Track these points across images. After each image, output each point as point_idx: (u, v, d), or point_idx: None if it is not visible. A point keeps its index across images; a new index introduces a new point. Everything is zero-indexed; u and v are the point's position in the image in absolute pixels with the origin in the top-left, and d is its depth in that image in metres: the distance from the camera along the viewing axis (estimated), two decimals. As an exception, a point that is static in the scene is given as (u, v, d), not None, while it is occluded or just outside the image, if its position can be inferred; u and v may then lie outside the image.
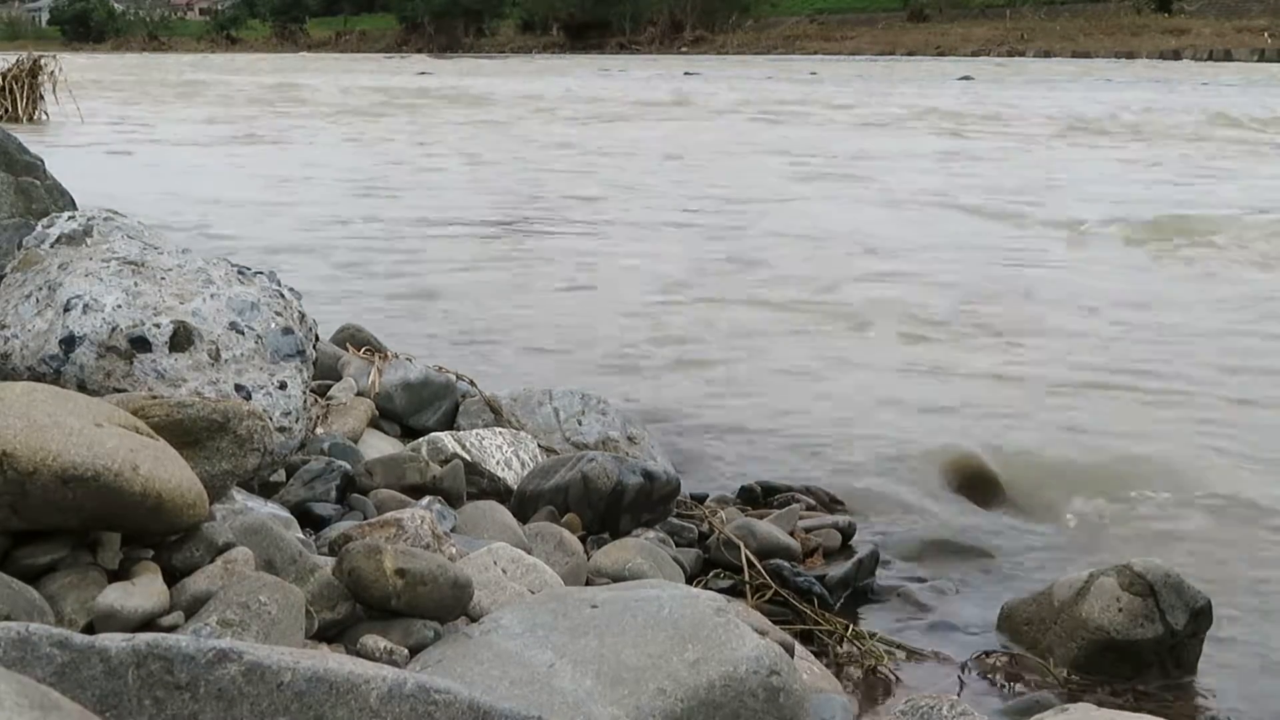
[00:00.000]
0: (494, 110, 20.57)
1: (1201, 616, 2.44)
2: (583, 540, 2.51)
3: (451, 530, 2.30)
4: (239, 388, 2.40)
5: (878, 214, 8.85)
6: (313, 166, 11.56)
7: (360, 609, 1.73)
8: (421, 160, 12.53)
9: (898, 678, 2.37)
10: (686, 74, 35.44)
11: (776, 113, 19.83)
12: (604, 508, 2.65)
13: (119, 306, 2.39)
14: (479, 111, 20.28)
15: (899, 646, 2.49)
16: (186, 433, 1.95)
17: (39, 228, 2.72)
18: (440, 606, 1.72)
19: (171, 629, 1.57)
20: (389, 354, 3.43)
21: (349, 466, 2.50)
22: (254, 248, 6.69)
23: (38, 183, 3.42)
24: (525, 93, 25.95)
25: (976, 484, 3.52)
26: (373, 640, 1.66)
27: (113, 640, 1.28)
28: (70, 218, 2.72)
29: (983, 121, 17.96)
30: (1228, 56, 44.23)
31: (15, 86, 16.16)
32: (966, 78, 32.22)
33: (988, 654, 2.48)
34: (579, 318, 5.53)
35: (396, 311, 5.55)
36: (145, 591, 1.61)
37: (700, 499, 3.12)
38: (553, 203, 9.39)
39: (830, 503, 3.28)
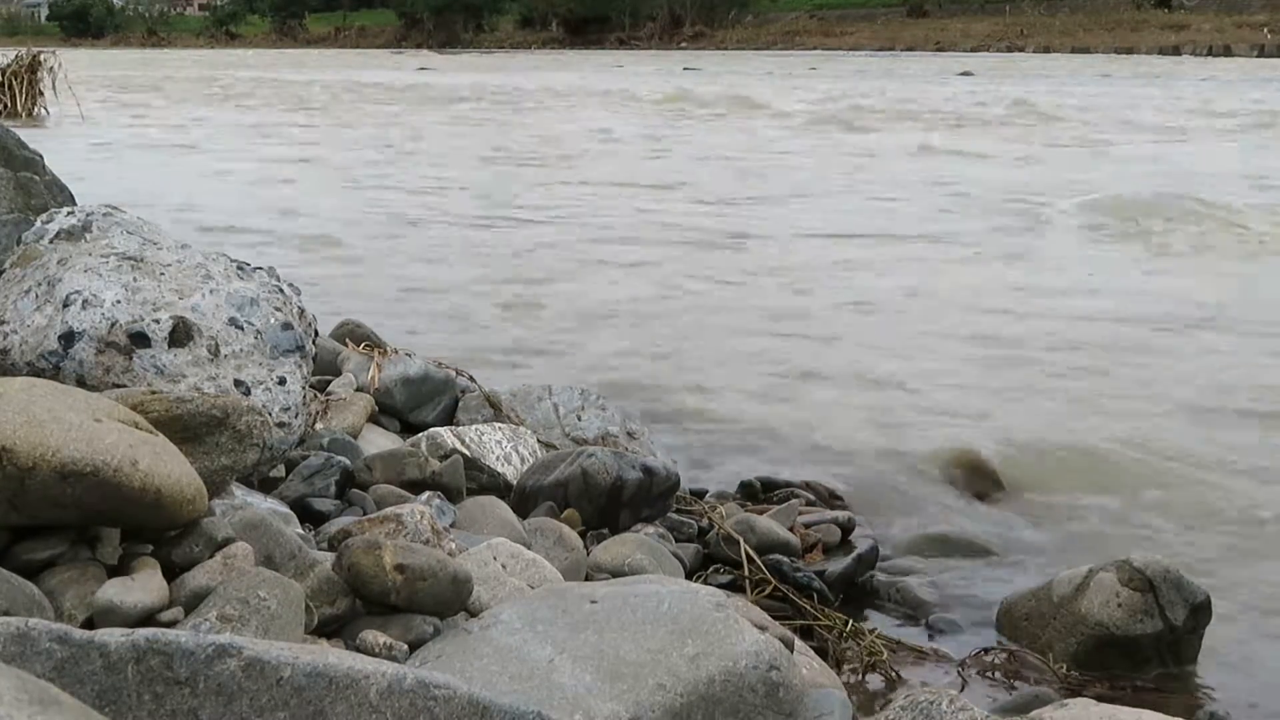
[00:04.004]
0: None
1: (1201, 612, 2.45)
2: (582, 535, 2.51)
3: (451, 526, 2.30)
4: (238, 383, 2.40)
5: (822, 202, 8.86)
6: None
7: (360, 604, 1.73)
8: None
9: (897, 673, 2.37)
10: (686, 69, 35.38)
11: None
12: (604, 503, 2.65)
13: (118, 302, 2.39)
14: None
15: (898, 642, 2.49)
16: (186, 428, 1.95)
17: (38, 223, 2.71)
18: (440, 602, 1.72)
19: (171, 624, 1.57)
20: (388, 349, 3.43)
21: (348, 462, 2.49)
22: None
23: (36, 178, 3.42)
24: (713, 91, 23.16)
25: (976, 479, 3.52)
26: (372, 635, 1.66)
27: (112, 635, 1.28)
28: (69, 213, 2.71)
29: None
30: (1227, 52, 44.18)
31: (14, 82, 16.14)
32: (966, 73, 32.20)
33: (987, 650, 2.48)
34: (581, 314, 5.53)
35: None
36: (145, 587, 1.61)
37: (700, 494, 3.13)
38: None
39: (830, 498, 3.28)
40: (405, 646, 1.66)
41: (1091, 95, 22.59)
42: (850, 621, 2.51)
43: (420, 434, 2.92)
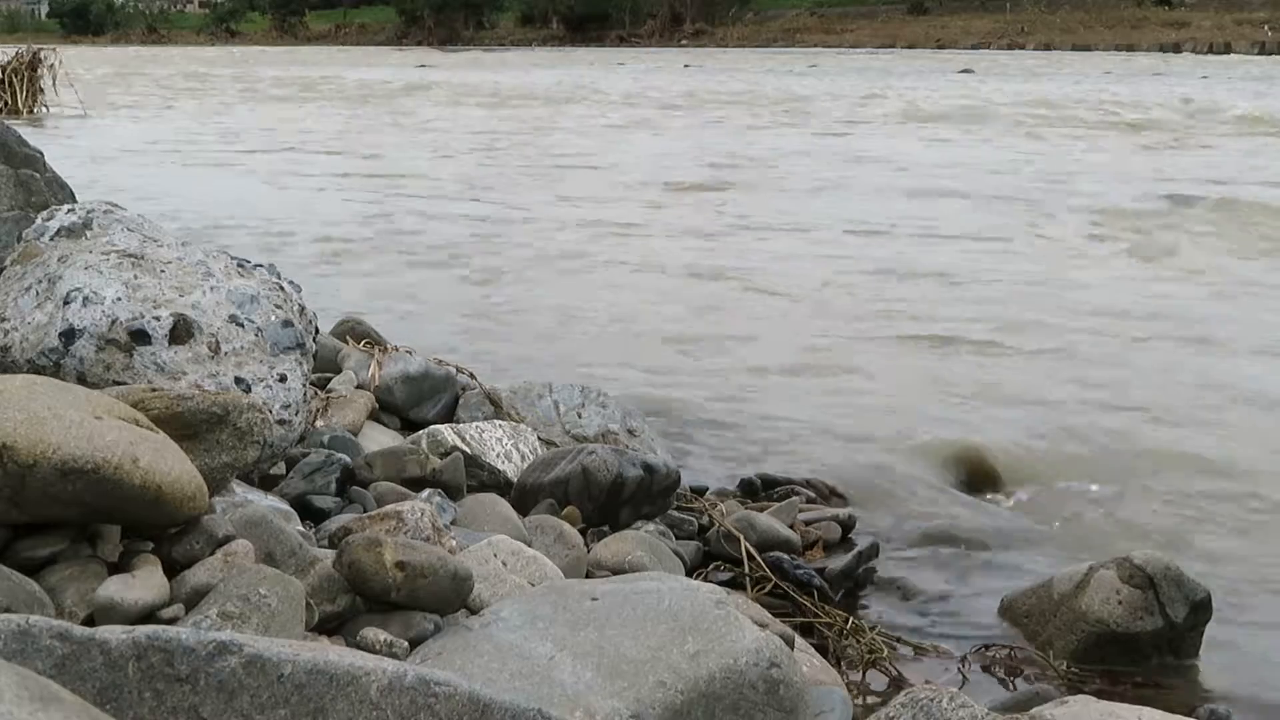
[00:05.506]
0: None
1: (1201, 609, 2.44)
2: (583, 533, 2.51)
3: (451, 523, 2.30)
4: (239, 380, 2.40)
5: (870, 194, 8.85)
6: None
7: (360, 601, 1.73)
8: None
9: (897, 670, 2.37)
10: (686, 67, 35.34)
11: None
12: (604, 500, 2.65)
13: (119, 299, 2.39)
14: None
15: (899, 639, 2.49)
16: (186, 425, 1.95)
17: (39, 220, 2.71)
18: (440, 599, 1.72)
19: (172, 621, 1.56)
20: (389, 347, 3.42)
21: (349, 459, 2.49)
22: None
23: (37, 175, 3.42)
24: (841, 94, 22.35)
25: (977, 476, 3.52)
26: (373, 633, 1.65)
27: (113, 632, 1.28)
28: (70, 210, 2.71)
29: None
30: (1228, 49, 44.15)
31: (15, 79, 16.13)
32: (967, 70, 32.17)
33: (987, 646, 2.48)
34: (580, 311, 5.53)
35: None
36: (145, 584, 1.61)
37: (700, 492, 3.12)
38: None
39: (830, 495, 3.28)
40: (406, 644, 1.66)
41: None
42: (851, 618, 2.51)
43: (420, 431, 2.92)
